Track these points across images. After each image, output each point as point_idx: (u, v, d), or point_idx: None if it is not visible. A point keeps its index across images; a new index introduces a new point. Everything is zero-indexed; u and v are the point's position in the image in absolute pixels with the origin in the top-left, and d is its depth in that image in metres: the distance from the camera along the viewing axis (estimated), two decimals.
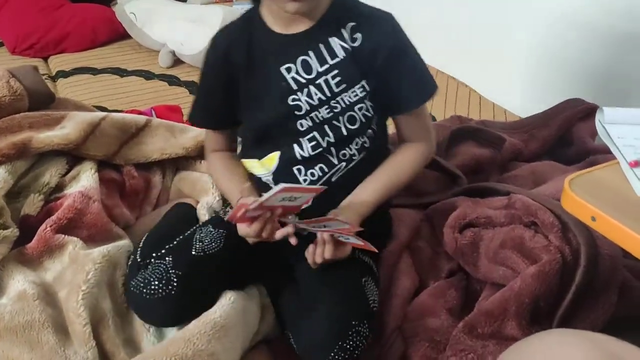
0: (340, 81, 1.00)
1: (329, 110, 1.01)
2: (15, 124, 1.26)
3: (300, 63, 1.00)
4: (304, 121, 1.02)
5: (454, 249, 1.13)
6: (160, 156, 1.36)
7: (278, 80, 1.01)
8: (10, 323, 0.95)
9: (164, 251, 1.03)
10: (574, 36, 1.67)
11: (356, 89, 1.01)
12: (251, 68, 1.03)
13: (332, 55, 1.00)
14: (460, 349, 0.98)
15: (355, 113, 1.02)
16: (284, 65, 1.00)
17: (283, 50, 1.01)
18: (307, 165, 1.04)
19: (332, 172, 1.04)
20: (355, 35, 0.99)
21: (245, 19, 1.05)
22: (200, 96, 1.13)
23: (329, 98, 1.00)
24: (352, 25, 0.99)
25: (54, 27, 2.18)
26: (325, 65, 1.00)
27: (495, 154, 1.41)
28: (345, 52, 1.00)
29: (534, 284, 0.98)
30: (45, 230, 1.11)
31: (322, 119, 1.01)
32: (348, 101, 1.01)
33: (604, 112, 0.92)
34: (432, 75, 1.06)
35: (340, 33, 1.00)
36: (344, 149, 1.03)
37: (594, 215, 0.76)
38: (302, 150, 1.03)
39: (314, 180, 1.04)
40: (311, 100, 1.00)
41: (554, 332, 0.77)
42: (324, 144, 1.02)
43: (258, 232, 0.95)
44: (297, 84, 1.00)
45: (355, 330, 0.94)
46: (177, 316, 1.01)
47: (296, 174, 1.04)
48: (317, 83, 1.00)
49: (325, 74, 1.00)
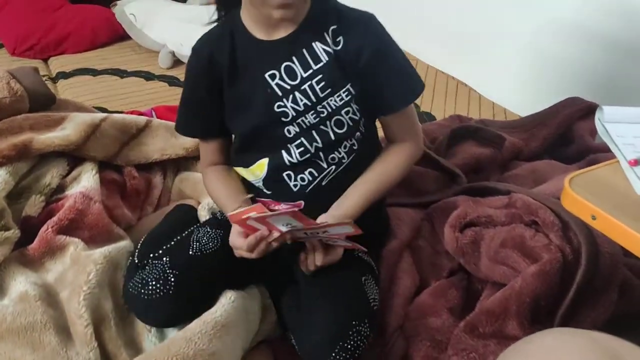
0: (325, 86, 0.98)
1: (316, 115, 0.99)
2: (16, 125, 1.27)
3: (284, 69, 0.99)
4: (291, 127, 1.01)
5: (455, 249, 1.13)
6: (161, 157, 1.36)
7: (263, 87, 0.99)
8: (13, 324, 0.95)
9: (161, 252, 1.03)
10: (574, 35, 1.68)
11: (341, 92, 0.99)
12: (235, 75, 1.02)
13: (316, 60, 0.98)
14: (461, 349, 0.98)
15: (342, 117, 1.00)
16: (268, 72, 0.99)
17: (266, 57, 0.99)
18: (297, 171, 1.03)
19: (322, 176, 1.03)
20: (337, 39, 0.98)
21: (227, 24, 1.03)
22: (184, 104, 1.09)
23: (315, 103, 0.99)
24: (334, 28, 0.98)
25: (53, 28, 2.19)
26: (309, 70, 0.98)
27: (496, 153, 1.41)
28: (329, 56, 0.98)
29: (535, 283, 0.98)
30: (46, 231, 1.11)
31: (309, 124, 1.00)
32: (334, 105, 0.99)
33: (604, 110, 0.92)
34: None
35: (323, 37, 0.98)
36: (332, 153, 1.02)
37: (594, 214, 0.76)
38: (291, 157, 1.02)
39: (304, 185, 1.04)
40: (297, 106, 0.99)
41: (554, 331, 0.77)
42: (312, 149, 1.01)
43: (252, 247, 0.95)
44: (282, 91, 0.99)
45: (356, 330, 0.94)
46: (175, 316, 1.01)
47: (286, 179, 1.04)
48: (302, 89, 0.99)
49: (310, 79, 0.98)
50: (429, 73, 2.05)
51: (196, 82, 1.05)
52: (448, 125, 1.51)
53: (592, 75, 1.67)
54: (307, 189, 1.04)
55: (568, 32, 1.69)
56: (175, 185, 1.39)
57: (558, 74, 1.75)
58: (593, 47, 1.64)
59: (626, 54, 1.57)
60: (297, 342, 1.01)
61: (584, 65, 1.68)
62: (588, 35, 1.65)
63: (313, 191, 1.04)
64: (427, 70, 2.06)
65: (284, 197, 1.05)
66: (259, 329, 1.06)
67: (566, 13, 1.68)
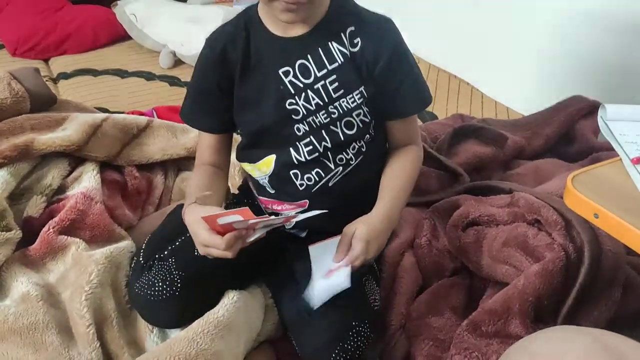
0: (338, 87, 0.98)
1: (327, 115, 0.99)
2: (17, 125, 1.27)
3: (299, 67, 0.98)
4: (301, 125, 1.00)
5: (457, 248, 1.13)
6: (162, 157, 1.36)
7: (276, 84, 0.99)
8: (15, 325, 0.95)
9: (166, 252, 1.03)
10: (575, 33, 1.67)
11: (354, 94, 0.99)
12: (248, 69, 1.01)
13: (331, 60, 0.98)
14: (464, 348, 0.97)
15: (352, 119, 1.00)
16: (282, 69, 0.98)
17: (281, 54, 0.99)
18: (304, 170, 1.03)
19: (329, 176, 1.03)
20: (355, 40, 0.98)
21: (243, 18, 1.03)
22: (191, 93, 1.08)
23: (327, 103, 0.99)
24: (351, 30, 0.98)
25: (54, 28, 2.18)
26: (324, 70, 0.98)
27: (498, 152, 1.41)
28: (344, 58, 0.98)
29: (538, 282, 0.98)
30: (48, 231, 1.11)
31: (319, 124, 1.00)
32: (346, 107, 0.99)
33: (607, 109, 0.92)
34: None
35: (340, 37, 0.98)
36: (340, 154, 1.02)
37: (596, 212, 0.76)
38: (299, 155, 1.01)
39: (310, 185, 1.03)
40: (309, 105, 0.99)
41: (557, 329, 0.77)
42: (320, 148, 1.01)
43: (227, 246, 0.89)
44: (294, 88, 0.99)
45: (356, 331, 0.93)
46: (181, 317, 1.01)
47: (293, 178, 1.03)
48: (315, 88, 0.98)
49: (324, 79, 0.98)
50: (431, 71, 2.05)
51: (206, 73, 1.04)
52: (450, 124, 1.51)
53: (595, 74, 1.67)
54: (313, 189, 1.03)
55: (570, 30, 1.68)
56: (177, 185, 1.39)
57: (560, 72, 1.74)
58: (597, 45, 1.63)
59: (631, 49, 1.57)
60: (297, 343, 1.01)
61: (586, 64, 1.68)
62: (590, 33, 1.65)
63: (319, 191, 1.03)
64: (429, 68, 2.06)
65: (288, 196, 1.05)
66: (261, 329, 1.06)
67: (568, 10, 1.68)
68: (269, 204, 1.09)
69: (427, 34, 2.07)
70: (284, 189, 1.05)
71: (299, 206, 1.04)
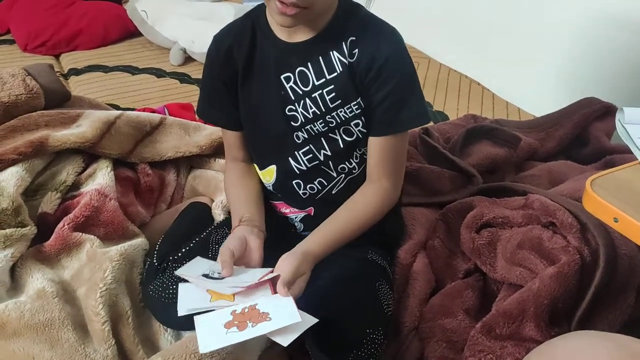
0: (335, 97, 0.96)
1: (324, 124, 0.98)
2: (32, 122, 1.27)
3: (298, 74, 0.97)
4: (300, 133, 1.00)
5: (471, 249, 1.13)
6: (175, 154, 1.36)
7: (277, 89, 0.98)
8: (31, 321, 0.96)
9: (180, 254, 1.03)
10: (585, 34, 1.67)
11: (352, 105, 0.97)
12: (251, 71, 1.00)
13: (330, 69, 0.96)
14: (478, 350, 0.97)
15: (351, 128, 0.99)
16: (283, 74, 0.97)
17: (284, 59, 0.98)
18: (306, 180, 1.02)
19: (332, 185, 1.03)
20: (353, 51, 0.95)
21: (251, 18, 1.01)
22: (203, 91, 1.09)
23: (324, 113, 0.97)
24: (352, 39, 0.95)
25: (65, 24, 2.19)
26: (322, 79, 0.96)
27: (511, 153, 1.41)
28: (343, 67, 0.96)
29: (553, 285, 0.97)
30: (62, 228, 1.11)
31: (317, 132, 0.99)
32: (343, 117, 0.98)
33: (625, 112, 0.91)
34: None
35: (341, 47, 0.95)
36: (342, 163, 1.01)
37: (616, 217, 0.75)
38: (299, 164, 1.01)
39: (313, 194, 1.03)
40: (307, 113, 0.98)
41: (577, 334, 0.77)
42: (320, 156, 1.00)
43: None
44: (294, 95, 0.98)
45: (370, 339, 0.92)
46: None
47: (295, 187, 1.03)
48: (312, 96, 0.97)
49: (321, 89, 0.96)
50: (442, 71, 2.04)
51: (213, 71, 1.04)
52: (463, 124, 1.51)
53: (605, 76, 1.66)
54: (317, 197, 1.03)
55: (579, 32, 1.68)
56: (189, 182, 1.39)
57: (573, 73, 1.74)
58: (612, 46, 1.63)
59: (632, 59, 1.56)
60: (310, 349, 1.00)
61: (595, 66, 1.67)
62: (601, 34, 1.64)
63: (323, 199, 1.03)
64: (439, 68, 2.05)
65: (293, 202, 1.06)
66: None
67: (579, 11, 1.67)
68: (278, 207, 1.11)
69: (438, 34, 2.06)
70: (289, 196, 1.06)
71: (304, 212, 1.04)
